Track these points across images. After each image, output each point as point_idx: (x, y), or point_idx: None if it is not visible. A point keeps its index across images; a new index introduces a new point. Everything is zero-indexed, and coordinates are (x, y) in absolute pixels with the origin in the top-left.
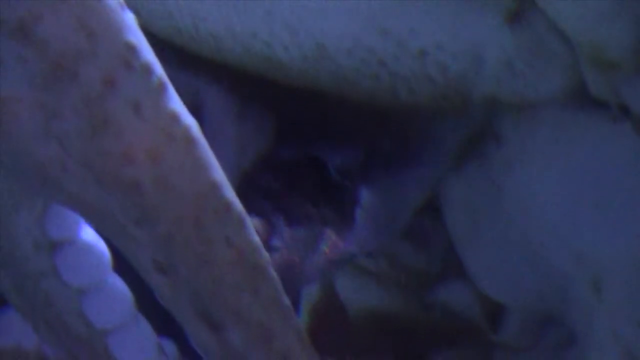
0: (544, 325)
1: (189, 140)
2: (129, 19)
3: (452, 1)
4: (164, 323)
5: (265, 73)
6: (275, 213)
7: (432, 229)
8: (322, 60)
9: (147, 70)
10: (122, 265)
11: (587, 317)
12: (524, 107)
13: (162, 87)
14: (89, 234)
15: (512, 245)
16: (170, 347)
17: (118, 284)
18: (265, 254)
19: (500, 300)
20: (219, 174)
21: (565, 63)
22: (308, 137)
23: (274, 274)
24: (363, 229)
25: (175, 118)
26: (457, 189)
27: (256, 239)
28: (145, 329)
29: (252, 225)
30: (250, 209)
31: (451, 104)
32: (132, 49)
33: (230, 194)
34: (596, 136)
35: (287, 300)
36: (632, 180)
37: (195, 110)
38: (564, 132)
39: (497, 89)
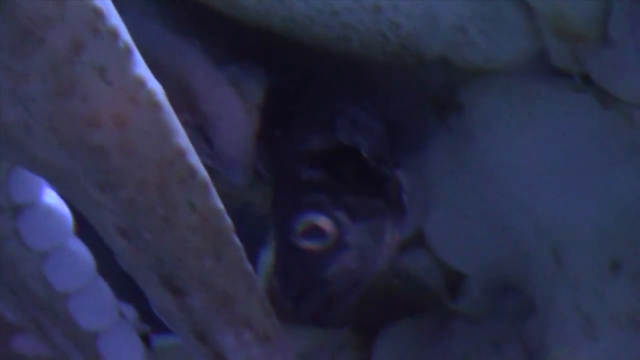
0: (504, 293)
1: (155, 105)
2: None
3: None
4: (125, 289)
5: (225, 11)
6: (337, 209)
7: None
8: (277, 3)
9: (114, 34)
10: (85, 229)
11: (547, 286)
12: (483, 75)
13: (128, 52)
14: (52, 197)
15: (473, 214)
16: (130, 312)
17: (80, 248)
18: (229, 219)
19: (459, 269)
20: (184, 140)
21: (522, 32)
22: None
23: (237, 240)
24: (412, 213)
25: (141, 83)
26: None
27: (220, 204)
28: (105, 293)
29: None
30: (311, 204)
31: (404, 62)
32: (99, 14)
33: (195, 159)
34: (558, 106)
35: (249, 267)
36: (593, 150)
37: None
38: (526, 101)
39: (451, 54)
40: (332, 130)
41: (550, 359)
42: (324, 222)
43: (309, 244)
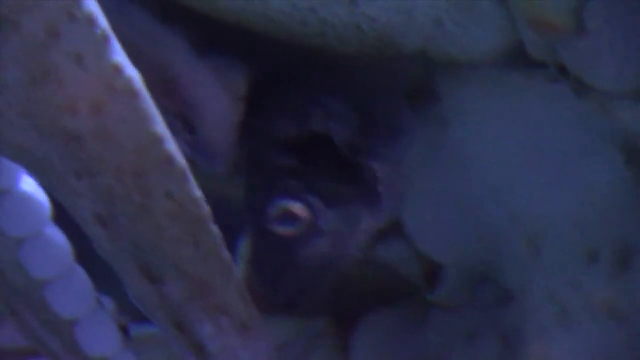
0: (480, 283)
1: (132, 92)
2: None
3: None
4: (101, 280)
5: (203, 8)
6: (311, 195)
7: None
8: (252, 1)
9: (91, 21)
10: (63, 216)
11: (523, 276)
12: (459, 66)
13: (105, 39)
14: (28, 184)
15: (449, 204)
16: (108, 302)
17: (57, 234)
18: (207, 207)
19: (436, 259)
20: (161, 127)
21: (498, 23)
22: (298, 102)
23: (215, 228)
24: (387, 203)
25: (118, 69)
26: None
27: (198, 192)
28: (83, 281)
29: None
30: (285, 190)
31: (381, 55)
32: (75, 0)
33: (173, 147)
34: (534, 96)
35: (228, 255)
36: (569, 139)
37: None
38: (502, 91)
39: (427, 46)
40: (306, 118)
41: (525, 348)
42: (297, 208)
43: (282, 229)
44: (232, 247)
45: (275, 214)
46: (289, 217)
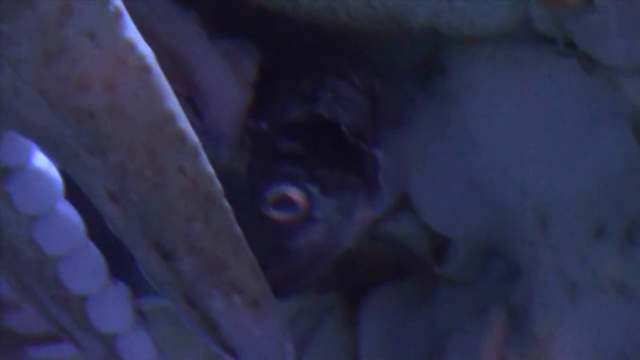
0: (489, 258)
1: (144, 68)
2: None
3: None
4: (110, 259)
5: None
6: (310, 182)
7: None
8: None
9: None
10: (75, 193)
11: (532, 251)
12: (468, 42)
13: (117, 15)
14: (41, 160)
15: (458, 179)
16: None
17: (69, 211)
18: (218, 184)
19: (445, 233)
20: (174, 104)
21: (506, 1)
22: (305, 88)
23: (226, 204)
24: (386, 192)
25: (130, 46)
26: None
27: (209, 169)
28: (95, 257)
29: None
30: (284, 175)
31: (390, 32)
32: None
33: (185, 124)
34: (542, 71)
35: (239, 231)
36: (577, 114)
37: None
38: (510, 66)
39: (437, 22)
40: (313, 102)
41: (533, 323)
42: (295, 194)
43: (278, 214)
44: None
45: (273, 198)
46: (286, 203)
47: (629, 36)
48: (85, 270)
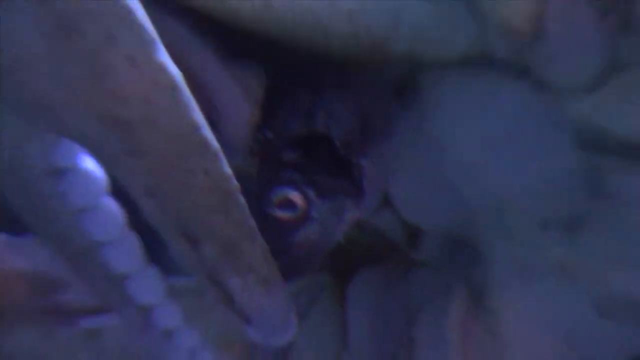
0: (456, 246)
1: (174, 86)
2: None
3: None
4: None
5: (227, 19)
6: (308, 187)
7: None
8: (270, 13)
9: (142, 27)
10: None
11: (491, 240)
12: (438, 66)
13: (152, 42)
14: (88, 162)
15: (430, 180)
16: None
17: (112, 205)
18: (235, 183)
19: (419, 225)
20: (199, 116)
21: (471, 30)
22: (305, 105)
23: (242, 200)
24: (370, 197)
25: (163, 68)
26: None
27: (228, 170)
28: (134, 244)
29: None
30: (287, 181)
31: (375, 57)
32: (129, 11)
33: (208, 133)
34: (500, 91)
35: (253, 222)
36: (529, 128)
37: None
38: (473, 87)
39: (412, 49)
40: (311, 119)
41: (491, 299)
42: (296, 196)
43: (281, 214)
44: None
45: (276, 200)
46: (288, 204)
47: (575, 60)
48: (126, 254)
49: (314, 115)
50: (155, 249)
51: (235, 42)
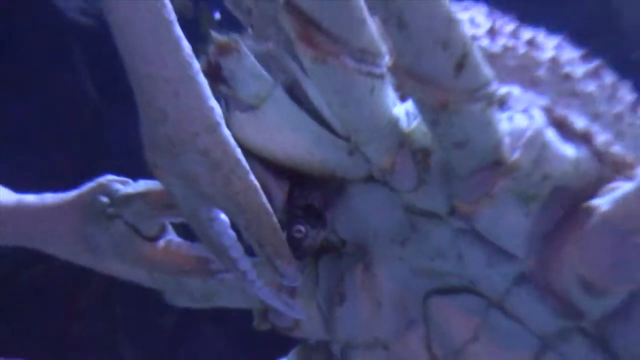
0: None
1: (249, 184)
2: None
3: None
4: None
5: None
6: (306, 224)
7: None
8: (287, 159)
9: (216, 127)
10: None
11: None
12: (351, 179)
13: (232, 147)
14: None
15: (349, 208)
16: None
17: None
18: (258, 185)
19: (343, 237)
20: (243, 159)
21: (366, 167)
22: (303, 194)
23: (263, 198)
24: (328, 228)
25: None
26: None
27: (256, 183)
28: (233, 235)
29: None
30: (299, 221)
31: (326, 175)
32: (214, 120)
33: (246, 168)
34: (370, 191)
35: (272, 214)
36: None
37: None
38: (363, 192)
39: (342, 174)
40: (307, 200)
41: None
42: (302, 228)
43: (297, 235)
44: None
45: (294, 230)
46: (299, 231)
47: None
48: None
49: (308, 199)
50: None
51: (276, 166)
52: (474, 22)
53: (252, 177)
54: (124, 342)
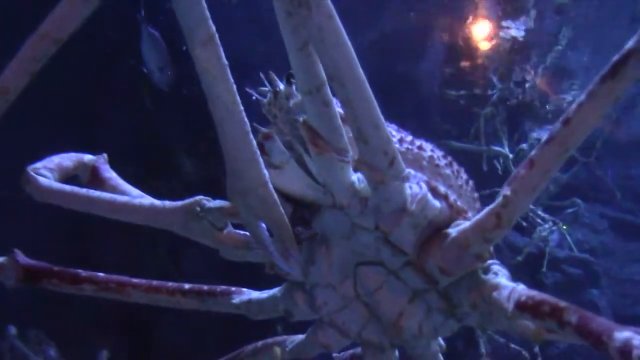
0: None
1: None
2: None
3: None
4: None
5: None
6: (300, 226)
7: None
8: (297, 195)
9: (265, 184)
10: None
11: None
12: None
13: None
14: None
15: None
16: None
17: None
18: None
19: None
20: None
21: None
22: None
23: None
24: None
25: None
26: None
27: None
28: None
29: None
30: (297, 225)
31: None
32: (265, 182)
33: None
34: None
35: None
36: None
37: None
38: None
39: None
40: (303, 216)
41: None
42: (300, 229)
43: (297, 232)
44: None
45: (295, 230)
46: (298, 231)
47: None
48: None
49: (302, 213)
50: None
51: (288, 197)
52: (392, 134)
53: (279, 204)
54: None
